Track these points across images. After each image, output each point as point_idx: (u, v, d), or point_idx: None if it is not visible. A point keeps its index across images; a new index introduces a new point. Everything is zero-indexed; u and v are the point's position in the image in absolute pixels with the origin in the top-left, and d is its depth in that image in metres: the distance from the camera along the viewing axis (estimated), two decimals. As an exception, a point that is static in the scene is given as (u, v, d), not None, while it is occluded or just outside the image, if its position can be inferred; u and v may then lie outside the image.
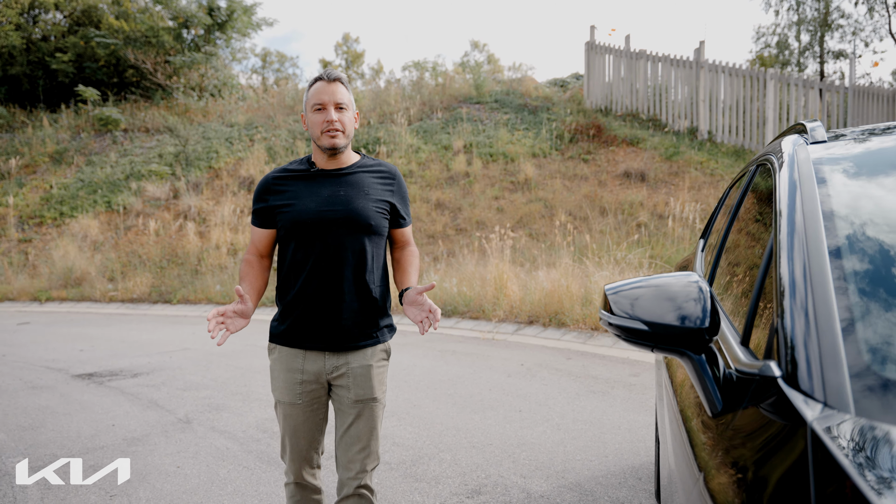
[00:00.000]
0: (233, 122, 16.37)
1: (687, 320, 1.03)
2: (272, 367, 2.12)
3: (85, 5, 19.28)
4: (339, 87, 2.03)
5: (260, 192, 2.10)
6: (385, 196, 2.09)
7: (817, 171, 1.15)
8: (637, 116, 15.11)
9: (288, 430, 2.09)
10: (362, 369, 2.04)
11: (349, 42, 26.63)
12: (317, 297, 2.01)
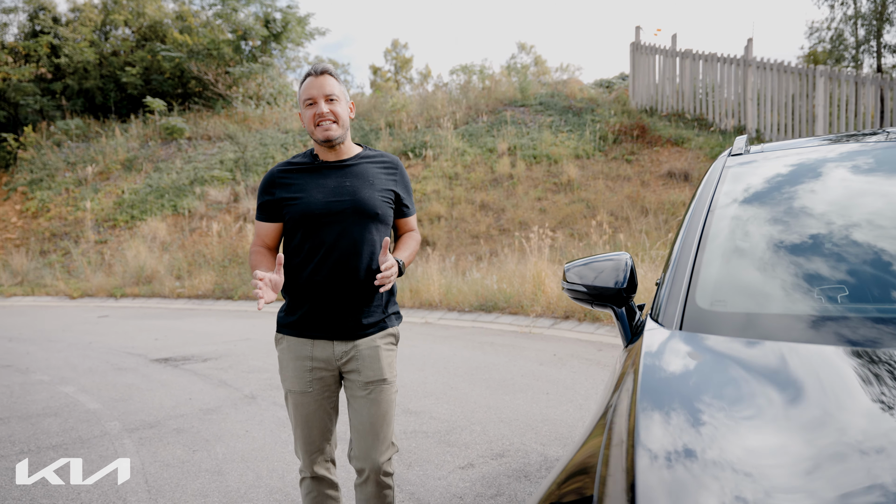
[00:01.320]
0: (288, 128, 17.28)
1: (611, 284, 1.48)
2: (281, 358, 2.15)
3: (151, 21, 20.66)
4: (327, 79, 2.06)
5: (265, 186, 2.15)
6: (389, 185, 2.15)
7: (721, 176, 1.58)
8: (682, 116, 15.18)
9: (300, 420, 2.11)
10: (371, 350, 2.09)
11: (398, 48, 27.49)
12: (326, 286, 2.05)
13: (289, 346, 2.11)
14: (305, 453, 2.13)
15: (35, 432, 4.04)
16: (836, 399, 0.85)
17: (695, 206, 1.51)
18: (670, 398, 0.92)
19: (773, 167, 1.60)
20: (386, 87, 24.09)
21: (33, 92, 18.61)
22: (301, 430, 2.11)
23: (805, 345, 1.00)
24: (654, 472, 0.74)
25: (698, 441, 0.79)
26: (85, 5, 20.89)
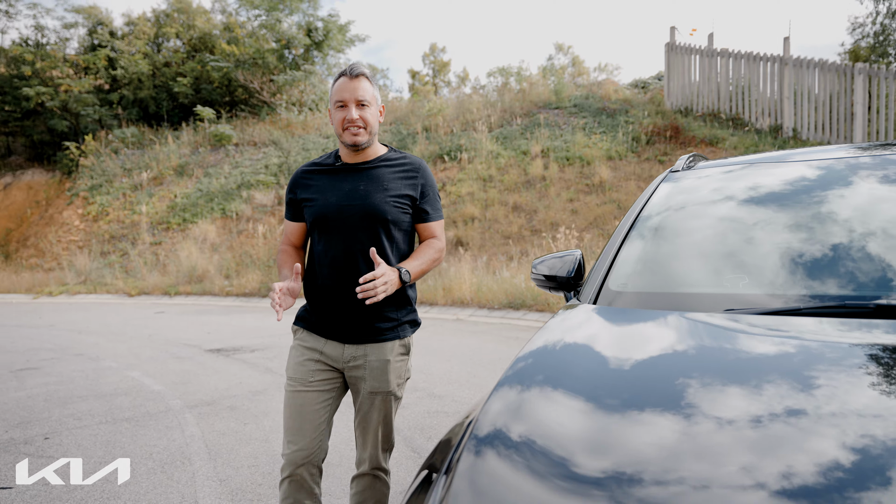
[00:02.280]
0: (329, 133, 18.04)
1: (563, 274, 1.94)
2: (292, 347, 2.19)
3: (201, 33, 21.79)
4: (361, 82, 2.02)
5: (290, 186, 2.19)
6: (405, 190, 2.09)
7: (656, 189, 2.03)
8: (717, 116, 15.26)
9: (293, 410, 2.07)
10: (379, 363, 2.08)
11: (436, 52, 28.10)
12: (335, 288, 2.06)
13: (302, 338, 2.15)
14: (292, 447, 2.05)
15: (110, 408, 4.70)
16: (670, 346, 1.30)
17: (628, 214, 1.95)
18: (554, 338, 1.38)
19: (698, 184, 2.02)
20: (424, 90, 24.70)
21: (92, 103, 19.89)
22: (292, 421, 2.07)
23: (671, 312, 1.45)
24: (508, 391, 1.20)
25: (557, 367, 1.25)
26: (139, 19, 22.17)
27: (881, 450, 0.80)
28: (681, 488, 0.82)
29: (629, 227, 1.88)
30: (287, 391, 2.11)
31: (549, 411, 1.07)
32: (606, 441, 0.92)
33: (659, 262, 1.72)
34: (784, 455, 0.82)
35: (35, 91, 19.11)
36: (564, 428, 0.99)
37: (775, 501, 0.75)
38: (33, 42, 21.43)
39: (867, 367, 1.07)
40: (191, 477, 3.33)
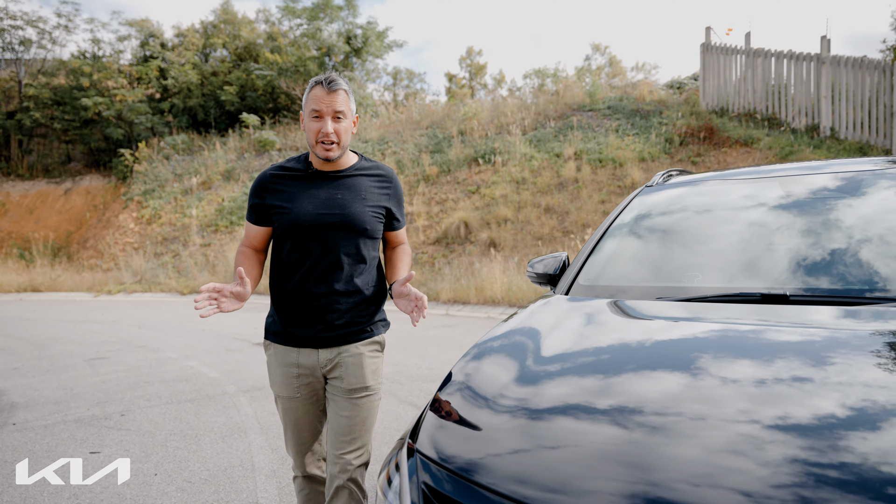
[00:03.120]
0: (367, 138, 18.71)
1: (551, 271, 2.39)
2: (269, 363, 2.18)
3: (246, 43, 22.79)
4: (338, 95, 2.00)
5: (256, 190, 2.13)
6: (381, 201, 2.14)
7: (630, 202, 2.46)
8: (753, 116, 15.30)
9: (290, 423, 2.15)
10: (354, 358, 2.09)
11: (472, 55, 28.58)
12: (310, 297, 2.06)
13: (275, 352, 2.15)
14: (297, 454, 2.18)
15: (174, 391, 5.33)
16: (612, 323, 1.74)
17: (604, 223, 2.40)
18: (526, 318, 1.84)
19: (665, 198, 2.43)
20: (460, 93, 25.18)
21: (145, 111, 21.06)
22: (291, 432, 2.16)
23: (618, 299, 1.89)
24: (476, 356, 1.66)
25: (520, 338, 1.70)
26: (188, 30, 23.32)
27: (744, 383, 1.22)
28: (573, 411, 1.26)
29: (601, 234, 2.33)
30: (279, 406, 2.17)
31: (497, 366, 1.53)
32: (529, 384, 1.37)
33: (620, 263, 2.17)
34: (663, 379, 1.24)
35: (92, 101, 20.36)
36: (503, 374, 1.45)
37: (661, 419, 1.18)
38: (90, 55, 22.78)
39: (745, 333, 1.49)
40: (247, 446, 3.89)
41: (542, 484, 1.01)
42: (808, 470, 0.90)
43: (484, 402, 1.31)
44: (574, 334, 1.61)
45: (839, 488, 0.85)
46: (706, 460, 0.96)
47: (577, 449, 1.09)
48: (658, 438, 1.04)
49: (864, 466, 0.89)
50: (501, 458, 1.12)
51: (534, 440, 1.12)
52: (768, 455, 0.93)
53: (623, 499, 0.92)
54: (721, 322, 1.55)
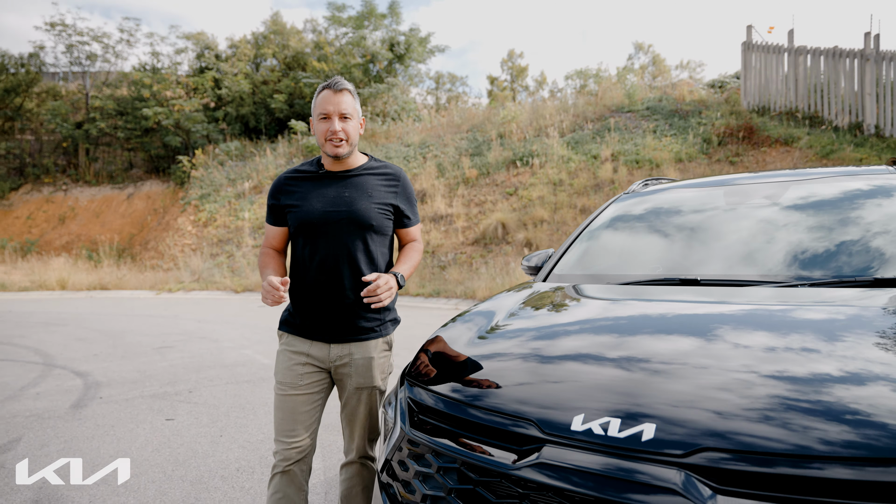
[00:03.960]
0: (409, 142, 19.42)
1: (539, 264, 2.93)
2: (279, 352, 2.28)
3: (294, 52, 23.88)
4: (344, 97, 2.15)
5: (273, 192, 2.28)
6: (388, 199, 2.24)
7: (608, 207, 2.98)
8: (794, 115, 15.28)
9: (286, 412, 2.19)
10: (364, 361, 2.22)
11: (513, 57, 29.04)
12: (321, 291, 2.18)
13: (287, 342, 2.26)
14: (284, 445, 2.20)
15: (233, 374, 6.07)
16: (574, 300, 2.27)
17: (581, 224, 2.93)
18: (506, 295, 2.39)
19: (638, 203, 2.93)
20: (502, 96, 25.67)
21: (201, 120, 22.34)
22: (285, 423, 2.19)
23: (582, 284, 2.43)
24: (454, 323, 2.20)
25: (492, 313, 2.25)
26: (240, 42, 24.57)
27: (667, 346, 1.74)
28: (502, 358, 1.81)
29: (577, 234, 2.87)
30: (278, 394, 2.22)
31: (468, 325, 2.08)
32: (486, 336, 1.91)
33: (590, 258, 2.70)
34: (607, 343, 1.77)
35: (152, 111, 21.75)
36: (471, 330, 2.00)
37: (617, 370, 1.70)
38: (150, 67, 24.27)
39: (671, 306, 1.99)
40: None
41: (474, 393, 1.58)
42: (663, 386, 1.39)
43: (452, 349, 1.88)
44: (532, 306, 2.16)
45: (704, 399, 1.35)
46: (592, 382, 1.49)
47: (507, 372, 1.64)
48: (558, 366, 1.59)
49: (728, 378, 1.38)
50: (455, 380, 1.68)
51: (477, 371, 1.68)
52: (638, 378, 1.44)
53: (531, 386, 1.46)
54: (640, 298, 2.07)
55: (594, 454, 1.28)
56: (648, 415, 1.29)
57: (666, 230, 2.66)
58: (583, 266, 2.63)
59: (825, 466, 1.10)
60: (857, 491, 1.07)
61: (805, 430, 1.17)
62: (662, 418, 1.27)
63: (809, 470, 1.10)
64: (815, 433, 1.16)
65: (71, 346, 7.70)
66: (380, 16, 22.64)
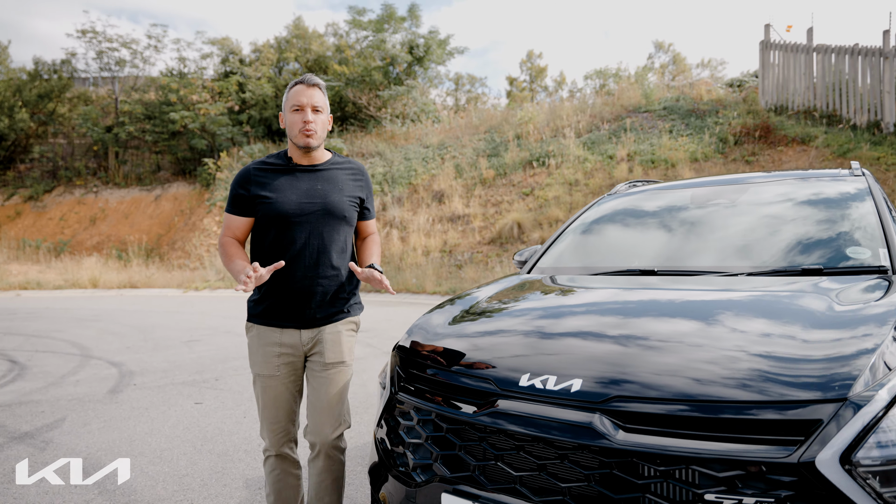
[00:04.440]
0: (428, 143, 19.80)
1: (527, 259, 3.26)
2: (251, 344, 2.34)
3: (316, 55, 24.43)
4: (316, 91, 2.27)
5: (240, 182, 2.29)
6: (356, 192, 2.38)
7: (591, 207, 3.31)
8: (811, 114, 15.32)
9: (268, 402, 2.29)
10: (333, 335, 2.32)
11: (532, 58, 29.25)
12: (296, 280, 2.25)
13: (259, 333, 2.32)
14: (271, 433, 2.32)
15: (255, 365, 6.49)
16: (549, 285, 2.61)
17: (567, 223, 3.26)
18: (494, 283, 2.73)
19: (617, 204, 3.25)
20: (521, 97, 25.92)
21: (226, 123, 23.00)
22: (269, 411, 2.30)
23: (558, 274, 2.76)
24: (438, 308, 2.55)
25: (477, 297, 2.59)
26: (263, 46, 25.20)
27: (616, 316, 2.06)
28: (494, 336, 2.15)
29: (561, 232, 3.20)
30: (258, 385, 2.32)
31: (455, 306, 2.43)
32: (467, 315, 2.26)
33: (570, 253, 3.03)
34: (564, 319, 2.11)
35: (179, 115, 22.46)
36: (456, 309, 2.35)
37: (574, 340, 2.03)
38: (177, 72, 25.03)
39: (620, 293, 2.32)
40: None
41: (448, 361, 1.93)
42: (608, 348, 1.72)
43: (434, 327, 2.23)
44: (507, 293, 2.51)
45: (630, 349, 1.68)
46: (548, 346, 1.83)
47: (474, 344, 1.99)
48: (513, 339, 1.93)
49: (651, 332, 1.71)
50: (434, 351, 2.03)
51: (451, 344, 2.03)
52: (572, 345, 1.77)
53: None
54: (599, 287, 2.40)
55: (535, 404, 1.62)
56: (577, 373, 1.63)
57: (636, 228, 2.99)
58: (563, 260, 2.97)
59: (693, 410, 1.44)
60: (712, 425, 1.40)
61: (683, 383, 1.51)
62: (587, 376, 1.62)
63: (683, 412, 1.44)
64: (688, 386, 1.49)
65: (105, 340, 8.21)
66: (399, 19, 23.07)
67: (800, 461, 1.32)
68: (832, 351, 1.52)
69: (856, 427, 1.33)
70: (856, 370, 1.43)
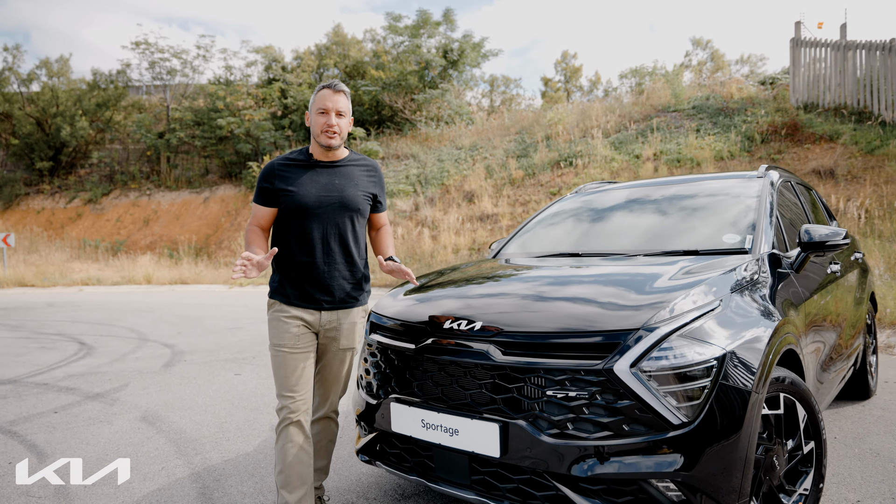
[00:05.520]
0: (461, 145, 20.58)
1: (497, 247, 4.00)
2: (272, 319, 2.57)
3: (354, 61, 25.53)
4: (341, 97, 2.51)
5: (266, 176, 2.55)
6: (370, 188, 2.64)
7: (554, 203, 4.03)
8: (839, 111, 15.44)
9: (288, 371, 2.50)
10: (350, 325, 2.63)
11: (567, 59, 29.71)
12: (314, 266, 2.52)
13: (280, 309, 2.56)
14: (291, 400, 2.50)
15: (289, 348, 7.39)
16: (508, 263, 3.34)
17: (530, 217, 3.98)
18: (460, 265, 3.48)
19: (574, 202, 3.94)
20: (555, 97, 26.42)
21: (269, 128, 24.29)
22: (288, 379, 2.50)
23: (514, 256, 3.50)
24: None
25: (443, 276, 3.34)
26: (304, 53, 26.45)
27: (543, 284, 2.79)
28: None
29: (524, 225, 3.93)
30: (278, 355, 2.53)
31: (422, 280, 3.18)
32: (422, 287, 3.01)
33: (527, 242, 3.76)
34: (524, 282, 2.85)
35: (226, 121, 23.85)
36: (418, 282, 3.11)
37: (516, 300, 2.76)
38: (224, 80, 26.50)
39: (542, 270, 3.03)
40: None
41: (400, 313, 2.69)
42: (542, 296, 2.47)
43: (395, 292, 3.01)
44: (466, 270, 3.26)
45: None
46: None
47: (420, 301, 2.75)
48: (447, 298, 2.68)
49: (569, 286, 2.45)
50: (394, 306, 2.79)
51: (405, 302, 2.80)
52: (486, 299, 2.51)
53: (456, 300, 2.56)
54: (532, 265, 3.14)
55: (452, 338, 2.39)
56: (480, 318, 2.39)
57: (579, 221, 3.71)
58: (521, 247, 3.71)
59: (545, 339, 2.18)
60: (555, 347, 2.15)
61: (542, 322, 2.25)
62: (486, 320, 2.37)
63: (539, 340, 2.19)
64: (545, 323, 2.24)
65: (159, 327, 9.28)
66: (434, 24, 23.91)
67: (604, 368, 2.05)
68: (642, 301, 2.24)
69: (641, 348, 2.06)
70: (649, 313, 2.16)
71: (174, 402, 4.89)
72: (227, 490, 3.16)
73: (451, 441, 2.29)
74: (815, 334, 2.92)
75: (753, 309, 2.34)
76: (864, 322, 4.18)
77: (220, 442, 3.92)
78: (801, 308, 2.77)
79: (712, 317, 2.20)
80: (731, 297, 2.33)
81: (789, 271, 2.87)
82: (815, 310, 2.97)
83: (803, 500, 2.44)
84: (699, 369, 2.04)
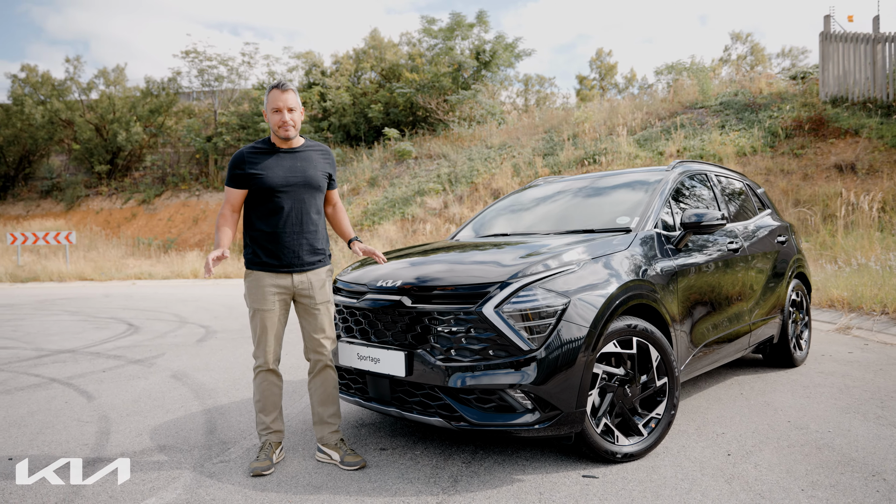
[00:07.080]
0: (491, 144, 21.33)
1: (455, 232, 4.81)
2: (249, 286, 3.08)
3: (390, 64, 26.58)
4: (290, 94, 3.00)
5: (237, 164, 3.03)
6: (326, 168, 3.18)
7: (513, 192, 4.81)
8: (867, 105, 15.51)
9: (265, 330, 3.05)
10: (319, 282, 3.14)
11: (602, 56, 30.03)
12: (285, 237, 3.03)
13: (257, 277, 3.06)
14: (266, 353, 3.07)
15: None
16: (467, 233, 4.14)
17: (487, 206, 4.76)
18: (426, 243, 4.30)
19: (525, 193, 4.69)
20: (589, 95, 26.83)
21: (309, 130, 25.57)
22: (262, 335, 3.05)
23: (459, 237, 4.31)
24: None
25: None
26: (343, 58, 27.67)
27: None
28: None
29: (482, 210, 4.72)
30: (256, 318, 3.06)
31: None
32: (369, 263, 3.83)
33: (478, 226, 4.54)
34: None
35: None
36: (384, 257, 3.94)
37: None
38: (267, 85, 27.96)
39: (475, 245, 3.83)
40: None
41: (352, 280, 3.54)
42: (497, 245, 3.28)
43: (354, 264, 3.85)
44: (418, 246, 4.08)
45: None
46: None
47: (368, 270, 3.59)
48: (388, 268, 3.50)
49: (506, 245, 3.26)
50: (350, 275, 3.63)
51: (357, 271, 3.64)
52: (415, 266, 3.33)
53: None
54: (468, 242, 3.93)
55: (380, 294, 3.22)
56: (401, 278, 3.22)
57: (520, 208, 4.49)
58: (473, 230, 4.51)
59: (441, 290, 3.00)
60: (447, 297, 2.96)
61: (441, 278, 3.06)
62: (406, 279, 3.20)
63: (437, 292, 3.00)
64: (442, 278, 3.05)
65: (198, 313, 10.42)
66: (468, 25, 24.72)
67: (476, 310, 2.85)
68: (514, 263, 3.04)
69: (503, 295, 2.85)
70: (515, 270, 2.95)
71: (200, 365, 5.88)
72: (228, 420, 4.08)
73: (375, 367, 3.13)
74: (693, 298, 3.62)
75: (605, 272, 3.09)
76: (784, 298, 4.80)
77: (230, 391, 4.87)
78: (676, 276, 3.48)
79: (567, 275, 2.96)
80: (589, 262, 3.09)
81: (669, 247, 3.59)
82: (696, 279, 3.67)
83: (656, 423, 3.17)
84: (546, 311, 2.82)
